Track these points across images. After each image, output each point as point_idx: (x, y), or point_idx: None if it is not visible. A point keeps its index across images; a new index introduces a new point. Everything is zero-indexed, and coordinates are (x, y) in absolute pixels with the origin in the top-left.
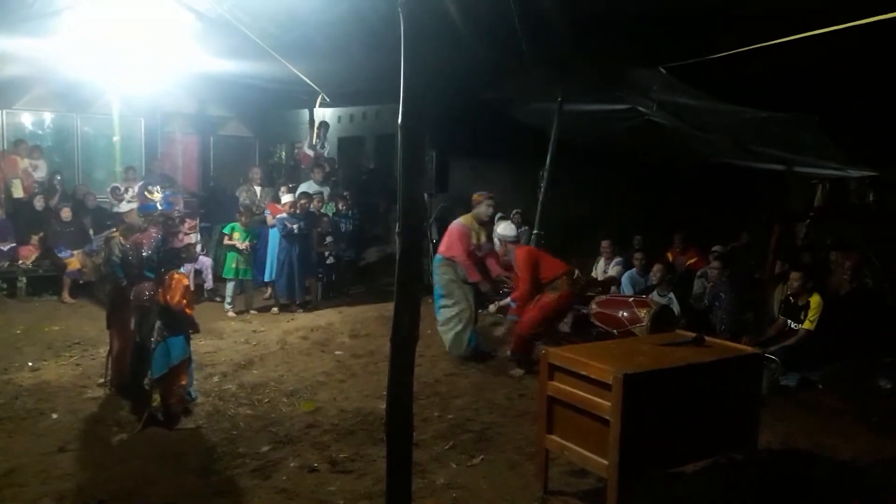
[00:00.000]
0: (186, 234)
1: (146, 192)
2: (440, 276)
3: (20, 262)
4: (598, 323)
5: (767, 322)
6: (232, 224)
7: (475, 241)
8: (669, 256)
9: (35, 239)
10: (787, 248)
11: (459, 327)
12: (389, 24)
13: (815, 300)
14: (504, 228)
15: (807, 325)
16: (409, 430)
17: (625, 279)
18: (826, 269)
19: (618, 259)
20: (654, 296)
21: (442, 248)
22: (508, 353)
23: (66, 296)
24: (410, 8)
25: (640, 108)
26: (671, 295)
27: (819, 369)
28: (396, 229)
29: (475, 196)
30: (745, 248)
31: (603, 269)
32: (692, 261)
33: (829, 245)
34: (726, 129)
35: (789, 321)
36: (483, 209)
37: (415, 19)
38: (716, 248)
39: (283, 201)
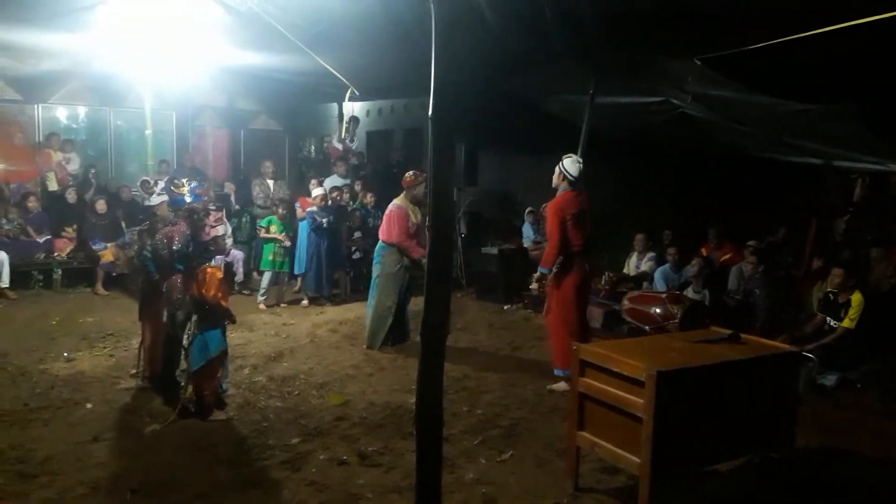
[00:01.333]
0: (213, 226)
1: (172, 187)
2: (385, 264)
3: (55, 254)
4: (629, 319)
5: (804, 319)
6: (269, 217)
7: (414, 220)
8: (704, 251)
9: (70, 231)
10: (826, 243)
11: (389, 321)
12: (418, 16)
13: (856, 298)
14: (569, 162)
15: (846, 323)
16: (440, 426)
17: (657, 275)
18: (866, 266)
19: (651, 254)
20: (689, 291)
21: (382, 235)
22: (554, 371)
23: (99, 288)
24: None
25: (674, 101)
26: (706, 291)
27: (858, 368)
28: (426, 222)
29: (408, 177)
30: (781, 244)
31: (636, 263)
32: (727, 256)
33: (869, 241)
34: (762, 121)
35: (828, 319)
36: (420, 189)
37: (445, 10)
38: (751, 242)
39: (313, 195)
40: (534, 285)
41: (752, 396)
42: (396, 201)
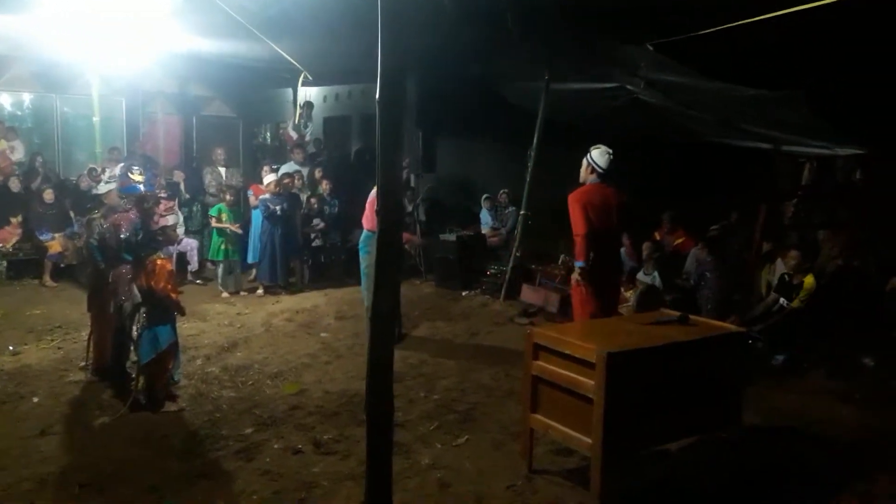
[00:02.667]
0: (162, 215)
1: (129, 174)
2: (372, 254)
3: (0, 245)
4: None
5: (754, 301)
6: (218, 205)
7: None
8: (657, 236)
9: (15, 222)
10: (775, 227)
11: None
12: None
13: (808, 280)
14: (598, 153)
15: (795, 303)
16: (390, 412)
17: None
18: (814, 249)
19: None
20: (640, 275)
21: (366, 223)
22: None
23: (47, 279)
24: None
25: (629, 87)
26: (655, 273)
27: (805, 348)
28: (375, 208)
29: None
30: (733, 228)
31: None
32: (680, 241)
33: (817, 224)
34: (715, 107)
35: (781, 299)
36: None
37: None
38: (713, 227)
39: (265, 182)
40: (575, 277)
41: (702, 376)
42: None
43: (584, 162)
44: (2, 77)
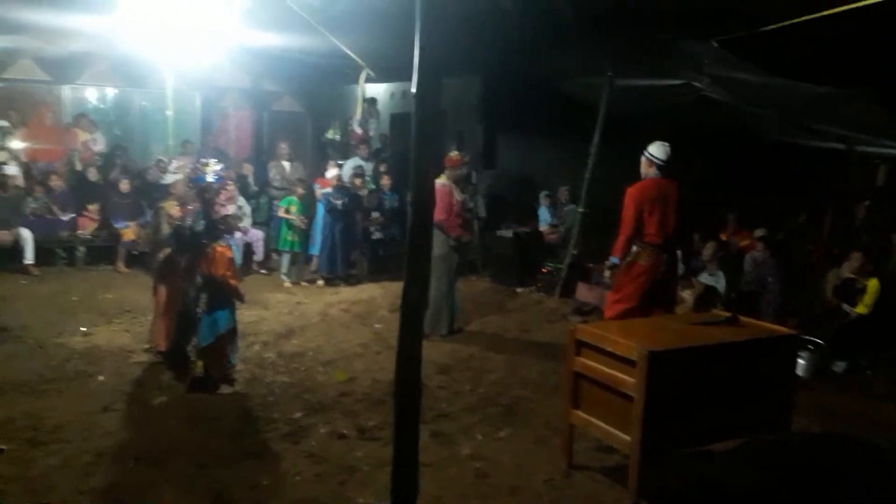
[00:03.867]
0: (222, 205)
1: (199, 164)
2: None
3: (79, 232)
4: None
5: (819, 305)
6: (289, 198)
7: (458, 198)
8: (723, 237)
9: (92, 209)
10: (846, 229)
11: (447, 306)
12: None
13: (872, 284)
14: (656, 148)
15: (861, 308)
16: (418, 398)
17: None
18: (886, 252)
19: None
20: (704, 275)
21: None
22: None
23: (120, 265)
24: None
25: (694, 84)
26: (720, 274)
27: (869, 355)
28: (409, 201)
29: (454, 156)
30: (801, 230)
31: None
32: (746, 242)
33: (890, 227)
34: (784, 105)
35: (843, 304)
36: (460, 171)
37: None
38: (759, 231)
39: (328, 176)
40: (606, 273)
41: (748, 378)
42: (440, 179)
43: (643, 158)
44: (86, 72)
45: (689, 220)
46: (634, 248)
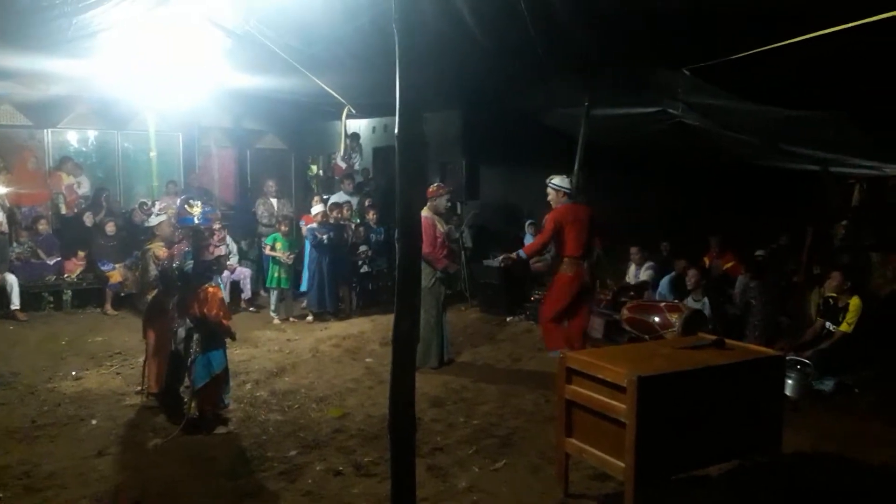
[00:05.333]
0: (216, 246)
1: (186, 206)
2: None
3: (66, 275)
4: (629, 328)
5: (804, 325)
6: (274, 234)
7: (442, 230)
8: (706, 260)
9: (81, 254)
10: (825, 249)
11: (437, 338)
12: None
13: (854, 302)
14: (560, 180)
15: (844, 327)
16: (413, 431)
17: (664, 283)
18: (866, 271)
19: (649, 263)
20: (689, 300)
21: None
22: (549, 353)
23: (108, 308)
24: (403, 21)
25: (670, 111)
26: (705, 300)
27: (856, 373)
28: (396, 236)
29: (432, 188)
30: (783, 251)
31: (634, 273)
32: (729, 265)
33: (868, 246)
34: (758, 129)
35: (827, 323)
36: (441, 201)
37: (408, 32)
38: (759, 252)
39: (312, 212)
40: (502, 258)
41: (737, 401)
42: (423, 212)
43: (551, 190)
44: (68, 116)
45: (673, 247)
46: (550, 258)
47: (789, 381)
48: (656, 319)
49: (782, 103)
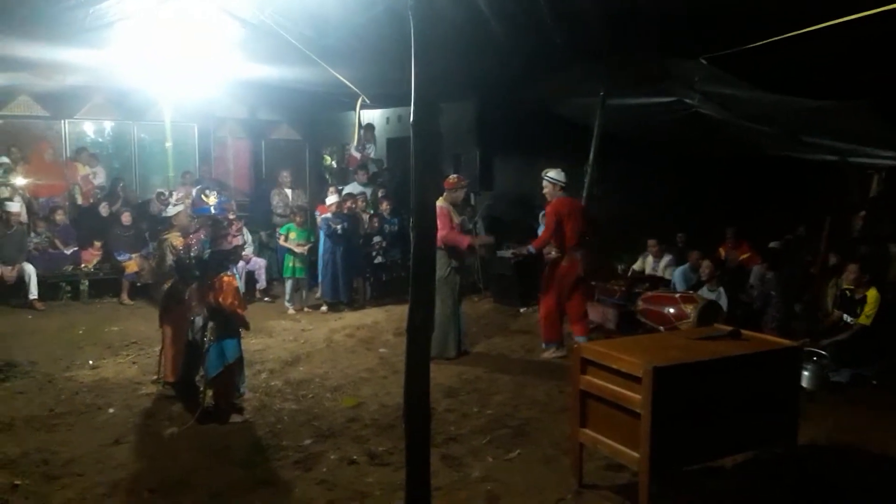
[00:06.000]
0: (234, 236)
1: (203, 196)
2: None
3: (83, 265)
4: (644, 319)
5: (820, 316)
6: (288, 225)
7: (456, 220)
8: (722, 251)
9: (97, 244)
10: (843, 240)
11: (454, 328)
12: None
13: (872, 294)
14: (556, 173)
15: (862, 319)
16: (427, 421)
17: (677, 275)
18: (884, 262)
19: (668, 258)
20: (704, 291)
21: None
22: (542, 344)
23: (125, 297)
24: (419, 10)
25: (687, 101)
26: (720, 289)
27: (873, 365)
28: (410, 226)
29: (452, 179)
30: (800, 242)
31: (653, 265)
32: (745, 255)
33: (887, 236)
34: (776, 119)
35: (845, 315)
36: (459, 194)
37: (424, 21)
38: (773, 244)
39: (327, 202)
40: (512, 252)
41: (752, 392)
42: (438, 201)
43: (546, 183)
44: (84, 107)
45: (689, 238)
46: (554, 253)
47: (806, 373)
48: (671, 310)
49: (802, 93)
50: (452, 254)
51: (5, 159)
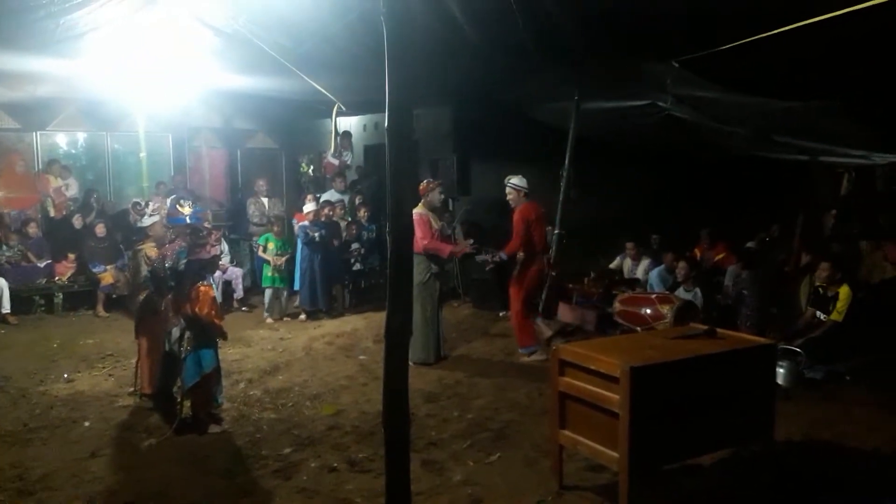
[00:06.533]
0: (213, 245)
1: (178, 206)
2: (414, 275)
3: (56, 278)
4: (621, 321)
5: (795, 315)
6: (266, 234)
7: (435, 226)
8: (697, 252)
9: (71, 257)
10: (815, 238)
11: (432, 334)
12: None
13: (844, 291)
14: (518, 179)
15: (835, 316)
16: (407, 424)
17: (653, 276)
18: (856, 259)
19: (647, 261)
20: (680, 292)
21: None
22: (519, 349)
23: (100, 310)
24: (392, 16)
25: (660, 103)
26: (696, 290)
27: (847, 361)
28: (387, 230)
29: (424, 184)
30: (774, 241)
31: (631, 268)
32: (720, 256)
33: (858, 234)
34: (748, 120)
35: (818, 312)
36: (434, 196)
37: (397, 27)
38: (748, 244)
39: (305, 210)
40: (486, 258)
41: (729, 389)
42: (416, 209)
43: (511, 190)
44: (56, 118)
45: (664, 240)
46: (521, 256)
47: (781, 370)
48: (648, 311)
49: (773, 94)
50: (432, 260)
51: None
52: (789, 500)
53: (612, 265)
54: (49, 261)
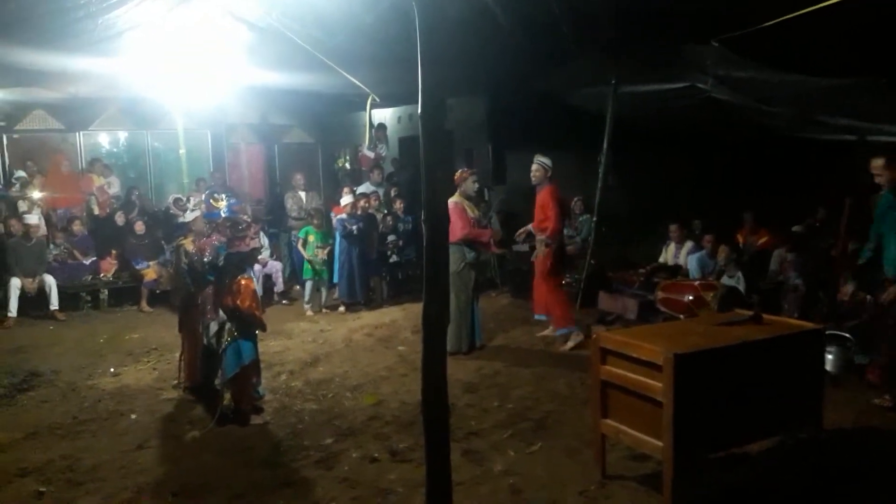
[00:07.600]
0: (252, 238)
1: (212, 200)
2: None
3: (101, 275)
4: (663, 308)
5: (842, 300)
6: (306, 227)
7: (472, 215)
8: (740, 237)
9: (114, 253)
10: (863, 221)
11: (466, 323)
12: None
13: None
14: (547, 158)
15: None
16: (446, 412)
17: (693, 262)
18: None
19: (689, 245)
20: (724, 278)
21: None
22: (556, 332)
23: (144, 305)
24: (424, 5)
25: (700, 85)
26: (739, 275)
27: None
28: (422, 218)
29: (459, 173)
30: (821, 226)
31: (674, 253)
32: (763, 240)
33: None
34: (791, 100)
35: (868, 296)
36: (469, 185)
37: (429, 16)
38: (796, 227)
39: (342, 203)
40: (542, 249)
41: (775, 376)
42: (452, 198)
43: (539, 167)
44: (98, 118)
45: (706, 225)
46: (541, 238)
47: (829, 356)
48: (690, 298)
49: (817, 72)
50: (468, 249)
51: (22, 173)
52: (837, 490)
53: (661, 259)
54: (94, 258)
